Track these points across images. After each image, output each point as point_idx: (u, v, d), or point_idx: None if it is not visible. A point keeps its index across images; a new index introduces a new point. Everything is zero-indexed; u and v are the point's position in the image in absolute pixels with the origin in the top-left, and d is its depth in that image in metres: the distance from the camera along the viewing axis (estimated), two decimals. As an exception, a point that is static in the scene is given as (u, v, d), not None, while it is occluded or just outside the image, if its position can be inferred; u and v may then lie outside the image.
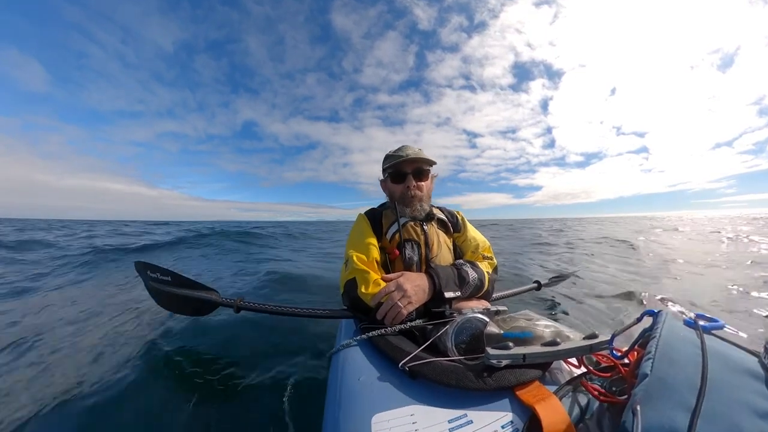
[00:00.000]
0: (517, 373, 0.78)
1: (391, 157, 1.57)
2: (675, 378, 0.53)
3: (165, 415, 1.46)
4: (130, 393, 1.59)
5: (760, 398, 0.49)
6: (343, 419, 0.73)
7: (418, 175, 1.55)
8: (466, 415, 0.69)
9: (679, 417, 0.48)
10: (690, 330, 0.65)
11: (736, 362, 0.56)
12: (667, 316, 0.69)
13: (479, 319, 1.02)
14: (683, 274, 4.54)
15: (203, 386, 1.71)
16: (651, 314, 0.74)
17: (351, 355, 1.01)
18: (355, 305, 1.31)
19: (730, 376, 0.53)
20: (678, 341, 0.61)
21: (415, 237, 1.49)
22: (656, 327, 0.67)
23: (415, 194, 1.53)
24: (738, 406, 0.48)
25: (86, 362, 1.90)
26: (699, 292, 3.51)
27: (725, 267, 5.13)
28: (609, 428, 0.64)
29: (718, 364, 0.54)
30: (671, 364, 0.56)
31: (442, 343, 1.01)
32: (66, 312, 2.84)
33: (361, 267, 1.31)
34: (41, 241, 9.95)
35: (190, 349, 2.07)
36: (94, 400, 1.53)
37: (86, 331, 2.41)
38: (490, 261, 1.59)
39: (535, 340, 0.88)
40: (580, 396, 0.73)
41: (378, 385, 0.82)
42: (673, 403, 0.50)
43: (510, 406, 0.71)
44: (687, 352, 0.58)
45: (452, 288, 1.25)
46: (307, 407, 1.03)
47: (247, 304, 1.46)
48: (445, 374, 0.80)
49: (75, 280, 4.61)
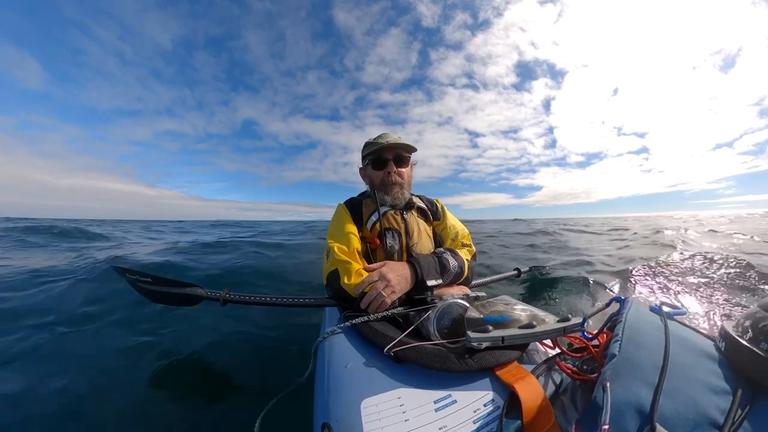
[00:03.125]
0: (496, 355, 0.82)
1: (371, 144, 1.56)
2: (640, 358, 0.58)
3: (152, 413, 1.44)
4: (116, 392, 1.56)
5: (715, 377, 0.55)
6: (333, 406, 0.75)
7: (399, 162, 1.56)
8: (450, 396, 0.73)
9: (644, 393, 0.53)
10: (654, 315, 0.71)
11: (695, 345, 0.62)
12: (633, 302, 0.75)
13: (459, 305, 1.06)
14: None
15: (190, 381, 1.70)
16: (618, 300, 0.80)
17: (337, 342, 1.03)
18: (338, 296, 1.31)
19: (690, 358, 0.59)
20: (644, 325, 0.66)
21: (395, 226, 1.50)
22: (623, 312, 0.72)
23: (395, 180, 1.54)
24: (695, 384, 0.54)
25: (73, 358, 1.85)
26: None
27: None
28: (581, 403, 0.69)
29: (679, 347, 0.60)
30: (637, 346, 0.61)
31: (425, 328, 1.04)
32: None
33: (342, 258, 1.31)
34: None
35: (176, 344, 2.03)
36: (78, 400, 1.49)
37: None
38: (469, 248, 1.63)
39: (513, 323, 0.93)
40: (555, 374, 0.78)
41: (365, 371, 0.84)
42: (638, 380, 0.55)
43: (491, 385, 0.76)
44: (652, 335, 0.63)
45: (434, 276, 1.28)
46: (295, 396, 1.05)
47: (233, 296, 1.45)
48: (429, 357, 0.83)
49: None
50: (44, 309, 2.47)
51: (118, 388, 1.58)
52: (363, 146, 1.64)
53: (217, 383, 1.72)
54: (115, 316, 2.38)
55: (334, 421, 0.69)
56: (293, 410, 1.08)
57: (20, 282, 3.14)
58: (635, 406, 0.52)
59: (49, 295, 2.80)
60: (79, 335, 2.09)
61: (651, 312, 0.72)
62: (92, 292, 2.88)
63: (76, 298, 2.73)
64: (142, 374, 1.71)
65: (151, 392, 1.58)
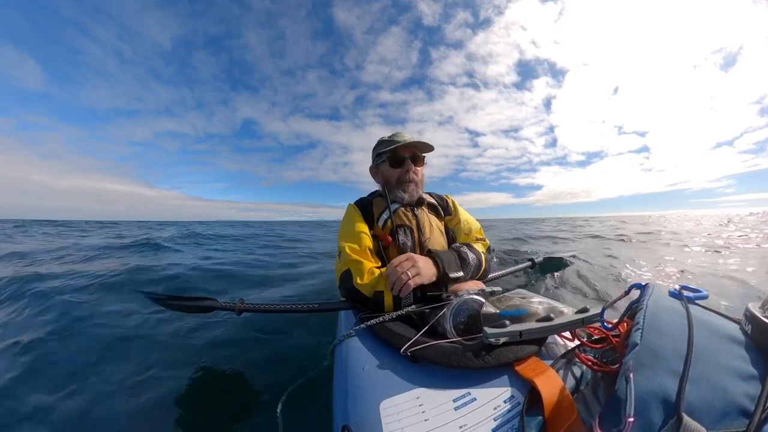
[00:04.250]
0: (515, 350, 0.81)
1: (387, 142, 1.57)
2: (663, 346, 0.56)
3: (165, 418, 1.47)
4: (133, 397, 1.60)
5: (742, 362, 0.53)
6: (351, 408, 0.75)
7: (415, 160, 1.57)
8: (470, 393, 0.72)
9: (669, 382, 0.51)
10: (675, 300, 0.68)
11: (719, 330, 0.59)
12: (654, 288, 0.73)
13: (475, 300, 1.04)
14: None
15: (208, 389, 1.73)
16: (638, 287, 0.78)
17: (353, 345, 1.03)
18: (351, 297, 1.31)
19: (714, 343, 0.56)
20: (665, 312, 0.64)
21: (407, 222, 1.51)
22: (643, 299, 0.70)
23: (411, 178, 1.55)
24: (722, 370, 0.52)
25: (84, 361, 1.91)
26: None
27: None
28: (603, 396, 0.67)
29: (703, 332, 0.58)
30: (659, 334, 0.59)
31: (441, 325, 1.03)
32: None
33: (354, 258, 1.31)
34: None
35: (192, 355, 2.08)
36: (88, 401, 1.54)
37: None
38: (483, 242, 1.63)
39: (530, 316, 0.91)
40: (575, 367, 0.76)
41: (382, 372, 0.84)
42: (662, 369, 0.53)
43: (510, 382, 0.75)
44: (673, 321, 0.61)
45: (455, 269, 1.28)
46: (313, 400, 1.06)
47: (248, 305, 1.47)
48: (445, 356, 0.83)
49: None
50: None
51: (129, 395, 1.63)
52: (376, 144, 1.65)
53: (235, 384, 1.76)
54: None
55: (353, 423, 0.69)
56: (313, 413, 1.09)
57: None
58: (660, 397, 0.50)
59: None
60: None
61: (671, 297, 0.70)
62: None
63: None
64: (158, 377, 1.77)
65: (164, 396, 1.62)
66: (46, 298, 2.97)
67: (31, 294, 3.08)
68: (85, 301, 2.98)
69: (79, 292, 3.26)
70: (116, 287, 3.50)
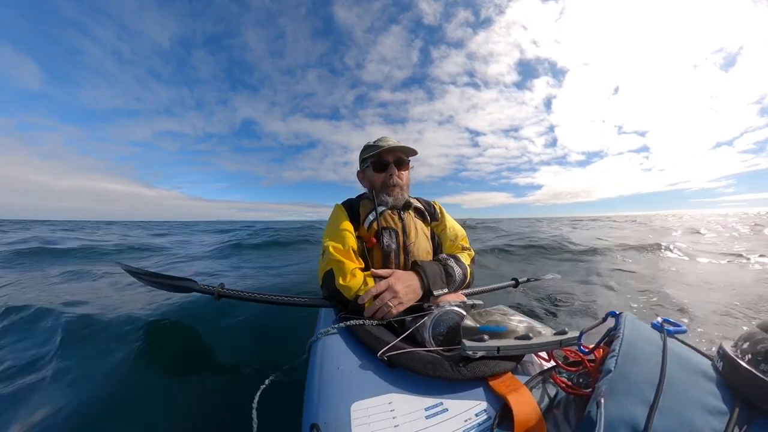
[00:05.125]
0: (491, 365, 0.81)
1: (372, 147, 1.58)
2: (636, 375, 0.57)
3: (139, 407, 1.44)
4: (104, 385, 1.55)
5: (711, 397, 0.54)
6: (322, 407, 0.74)
7: (399, 165, 1.58)
8: (442, 403, 0.72)
9: (639, 410, 0.52)
10: (653, 331, 0.70)
11: (693, 364, 0.61)
12: (628, 317, 0.74)
13: (456, 312, 1.05)
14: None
15: (180, 377, 1.69)
16: (613, 315, 0.79)
17: (330, 343, 1.02)
18: (333, 296, 1.30)
19: (686, 376, 0.58)
20: (641, 341, 0.65)
21: (392, 225, 1.51)
22: (619, 327, 0.71)
23: (396, 182, 1.55)
24: (691, 403, 0.53)
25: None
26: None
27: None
28: (574, 418, 0.68)
29: (676, 365, 0.59)
30: (633, 362, 0.60)
31: (420, 334, 1.03)
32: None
33: (337, 257, 1.31)
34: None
35: (167, 340, 2.04)
36: (64, 390, 1.49)
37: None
38: (468, 252, 1.64)
39: (509, 333, 0.91)
40: (549, 387, 0.77)
41: (357, 374, 0.83)
42: (633, 397, 0.54)
43: (484, 395, 0.75)
44: (649, 351, 0.62)
45: (440, 285, 1.29)
46: (286, 395, 1.04)
47: (228, 291, 1.45)
48: (422, 364, 0.83)
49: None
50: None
51: (102, 375, 1.60)
52: (362, 149, 1.66)
53: (208, 373, 1.73)
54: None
55: (322, 422, 0.68)
56: (287, 409, 1.07)
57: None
58: (629, 424, 0.51)
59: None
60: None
61: (651, 328, 0.71)
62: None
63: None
64: (130, 362, 1.73)
65: (137, 383, 1.59)
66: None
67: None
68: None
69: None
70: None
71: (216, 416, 1.41)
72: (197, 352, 1.92)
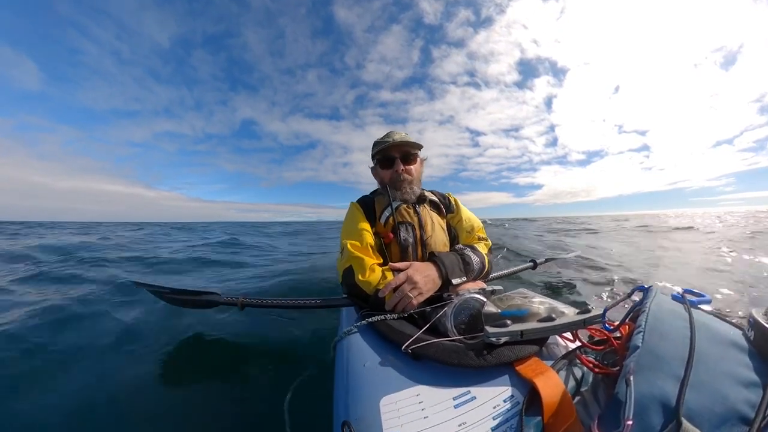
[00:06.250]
0: (515, 350, 0.81)
1: (379, 143, 1.58)
2: (664, 350, 0.56)
3: (167, 413, 1.49)
4: (132, 391, 1.62)
5: (744, 368, 0.52)
6: (352, 404, 0.75)
7: (406, 159, 1.57)
8: (470, 392, 0.73)
9: (669, 386, 0.51)
10: (678, 304, 0.68)
11: (722, 335, 0.59)
12: (657, 291, 0.72)
13: (476, 300, 1.04)
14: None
15: (211, 384, 1.75)
16: (641, 290, 0.77)
17: (354, 341, 1.03)
18: (353, 293, 1.32)
19: (717, 348, 0.56)
20: (667, 315, 0.63)
21: (408, 219, 1.51)
22: (646, 301, 0.69)
23: (404, 178, 1.54)
24: (723, 376, 0.52)
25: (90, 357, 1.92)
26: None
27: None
28: (603, 398, 0.68)
29: (705, 337, 0.57)
30: (661, 337, 0.59)
31: (442, 324, 1.03)
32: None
33: (356, 254, 1.32)
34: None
35: (195, 349, 2.11)
36: (91, 397, 1.56)
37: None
38: (486, 242, 1.63)
39: (531, 316, 0.91)
40: (576, 369, 0.76)
41: (383, 369, 0.85)
42: (663, 373, 0.53)
43: (510, 381, 0.75)
44: (676, 325, 0.61)
45: (458, 274, 1.29)
46: (315, 395, 1.07)
47: (251, 300, 1.48)
48: (446, 354, 0.83)
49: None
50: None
51: (131, 382, 1.66)
52: (372, 145, 1.66)
53: (236, 379, 1.78)
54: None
55: (353, 419, 0.70)
56: (316, 408, 1.10)
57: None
58: (660, 401, 0.50)
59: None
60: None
61: (674, 301, 0.70)
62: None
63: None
64: (157, 370, 1.79)
65: (165, 389, 1.65)
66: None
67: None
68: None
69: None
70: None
71: (250, 417, 1.46)
72: (225, 360, 1.98)
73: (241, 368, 1.89)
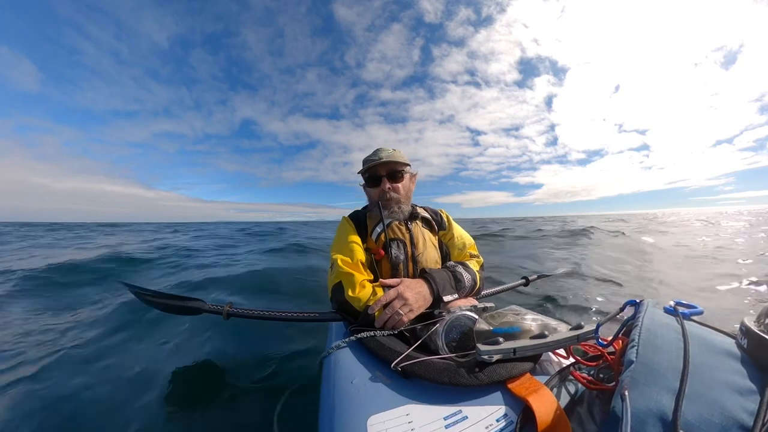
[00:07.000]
0: (508, 367, 0.79)
1: (367, 161, 1.58)
2: (659, 363, 0.55)
3: (152, 426, 1.42)
4: (116, 403, 1.55)
5: (739, 377, 0.52)
6: (338, 423, 0.72)
7: (393, 177, 1.56)
8: (461, 411, 0.70)
9: (665, 399, 0.50)
10: (671, 317, 0.68)
11: (716, 345, 0.59)
12: (648, 304, 0.72)
13: (468, 317, 1.03)
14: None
15: (193, 396, 1.67)
16: (632, 304, 0.77)
17: (342, 357, 1.00)
18: (343, 309, 1.29)
19: (711, 359, 0.56)
20: (660, 328, 0.63)
21: (400, 236, 1.50)
22: (638, 315, 0.69)
23: (391, 197, 1.53)
24: (719, 386, 0.51)
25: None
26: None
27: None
28: (599, 414, 0.66)
29: (699, 348, 0.57)
30: (655, 350, 0.58)
31: (433, 342, 1.01)
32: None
33: (345, 270, 1.30)
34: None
35: (179, 361, 2.01)
36: (77, 410, 1.49)
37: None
38: (477, 259, 1.62)
39: (524, 333, 0.89)
40: (570, 385, 0.74)
41: (371, 387, 0.81)
42: (658, 386, 0.52)
43: (503, 399, 0.73)
44: (669, 337, 0.60)
45: (449, 291, 1.27)
46: (300, 413, 1.02)
47: (237, 310, 1.43)
48: (437, 372, 0.80)
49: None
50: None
51: (114, 394, 1.60)
52: (362, 163, 1.66)
53: (220, 393, 1.70)
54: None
55: None
56: (300, 427, 1.05)
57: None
58: (657, 414, 0.49)
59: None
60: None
61: (666, 314, 0.69)
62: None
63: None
64: (142, 381, 1.73)
65: (149, 401, 1.58)
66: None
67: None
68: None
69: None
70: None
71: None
72: (209, 374, 1.90)
73: (222, 383, 1.80)
